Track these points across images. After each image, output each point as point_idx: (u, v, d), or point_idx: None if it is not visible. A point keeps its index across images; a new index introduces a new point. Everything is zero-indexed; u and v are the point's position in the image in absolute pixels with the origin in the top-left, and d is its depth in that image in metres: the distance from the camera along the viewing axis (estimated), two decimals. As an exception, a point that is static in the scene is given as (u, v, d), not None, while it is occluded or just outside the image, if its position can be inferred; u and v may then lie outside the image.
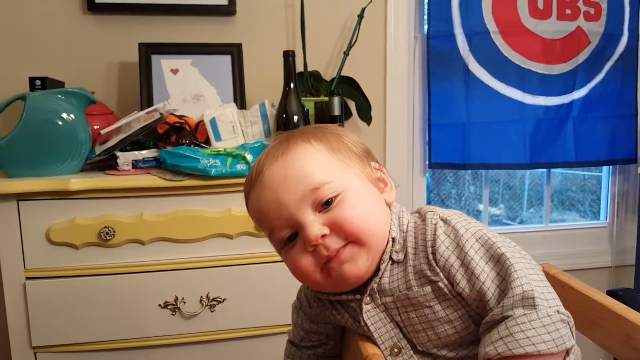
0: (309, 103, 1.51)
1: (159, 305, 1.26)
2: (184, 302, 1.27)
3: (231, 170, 1.23)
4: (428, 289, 0.64)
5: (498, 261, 0.61)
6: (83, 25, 1.63)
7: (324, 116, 1.50)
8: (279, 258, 1.40)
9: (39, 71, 1.51)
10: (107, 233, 1.20)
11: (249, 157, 1.24)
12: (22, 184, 1.18)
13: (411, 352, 0.66)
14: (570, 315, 0.58)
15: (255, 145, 1.29)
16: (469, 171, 2.18)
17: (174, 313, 1.27)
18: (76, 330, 1.24)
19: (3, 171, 1.26)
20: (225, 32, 1.70)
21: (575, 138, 1.96)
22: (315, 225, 0.63)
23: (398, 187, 0.74)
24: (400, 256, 0.67)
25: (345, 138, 0.71)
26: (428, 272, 0.64)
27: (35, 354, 1.24)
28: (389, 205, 0.70)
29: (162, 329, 1.27)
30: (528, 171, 2.24)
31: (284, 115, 1.35)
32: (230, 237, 1.28)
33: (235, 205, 1.27)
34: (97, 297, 1.24)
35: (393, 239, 0.67)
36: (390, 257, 0.67)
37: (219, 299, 1.28)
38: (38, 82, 1.41)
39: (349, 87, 1.70)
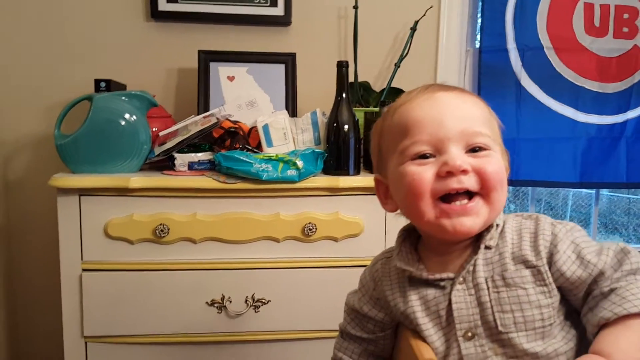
0: (359, 113, 1.52)
1: (206, 302, 1.30)
2: (230, 301, 1.30)
3: (282, 175, 1.26)
4: (527, 272, 0.67)
5: (609, 248, 0.66)
6: (146, 31, 1.70)
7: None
8: (324, 263, 1.41)
9: (103, 74, 1.58)
10: (162, 230, 1.25)
11: (299, 163, 1.27)
12: (85, 180, 1.24)
13: (483, 341, 0.67)
14: None
15: (306, 152, 1.31)
16: (510, 188, 2.14)
17: (220, 311, 1.30)
18: (126, 323, 1.29)
19: (68, 167, 1.32)
20: (280, 41, 1.74)
21: (627, 158, 1.90)
22: (463, 157, 0.66)
23: None
24: (493, 243, 0.69)
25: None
26: (530, 257, 0.67)
27: (86, 343, 1.29)
28: None
29: (207, 326, 1.31)
30: (572, 192, 2.19)
31: (335, 124, 1.37)
32: (277, 240, 1.31)
33: (283, 209, 1.30)
34: (148, 291, 1.28)
35: (497, 225, 0.70)
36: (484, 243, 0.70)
37: (263, 300, 1.31)
38: (103, 84, 1.48)
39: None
